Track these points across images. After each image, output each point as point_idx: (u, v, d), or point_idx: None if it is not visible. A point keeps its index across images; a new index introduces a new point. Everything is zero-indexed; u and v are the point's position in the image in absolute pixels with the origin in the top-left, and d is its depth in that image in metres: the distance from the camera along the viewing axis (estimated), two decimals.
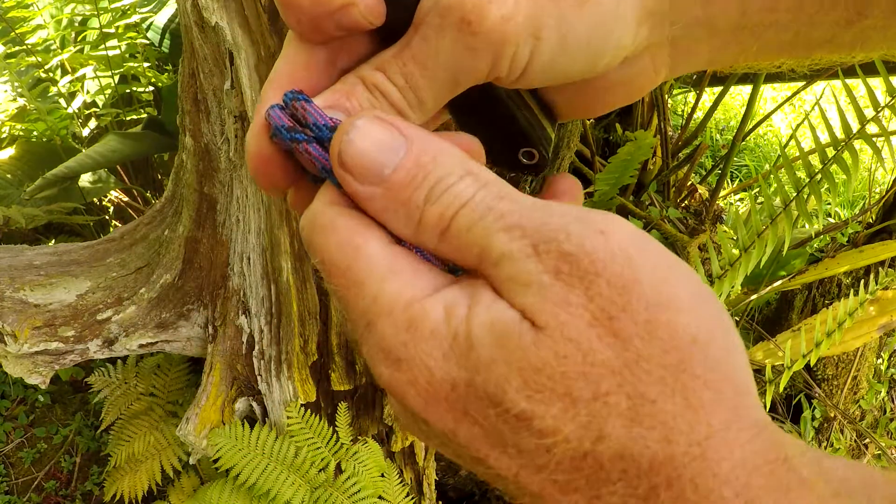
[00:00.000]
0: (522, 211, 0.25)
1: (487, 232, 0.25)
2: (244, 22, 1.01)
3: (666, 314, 0.23)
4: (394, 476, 1.38)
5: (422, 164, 0.26)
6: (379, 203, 0.27)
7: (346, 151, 0.27)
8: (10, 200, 1.81)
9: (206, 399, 1.32)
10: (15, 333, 1.21)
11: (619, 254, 0.24)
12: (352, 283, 0.26)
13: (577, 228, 0.24)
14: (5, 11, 1.82)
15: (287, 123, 0.29)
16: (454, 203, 0.26)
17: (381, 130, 0.27)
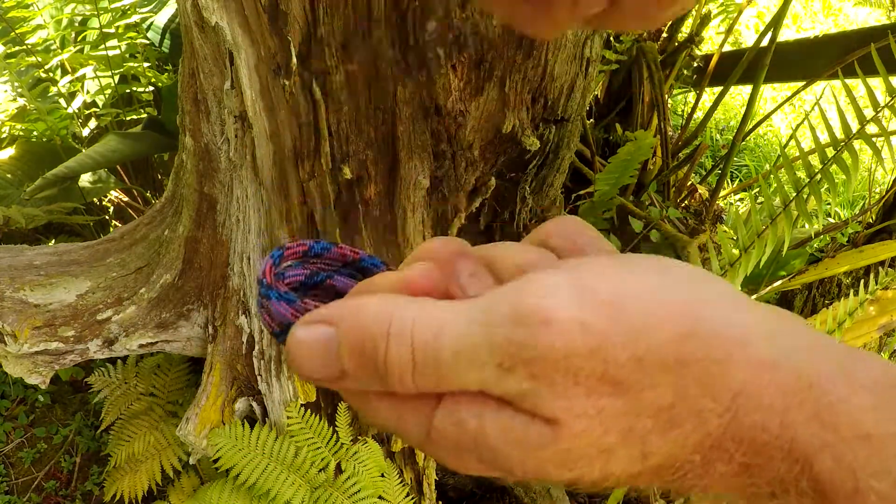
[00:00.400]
0: (465, 339, 0.26)
1: (453, 378, 0.27)
2: (244, 22, 1.01)
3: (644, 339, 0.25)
4: (394, 476, 1.38)
5: (353, 343, 0.28)
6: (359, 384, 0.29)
7: (299, 372, 0.30)
8: (10, 200, 1.81)
9: (206, 399, 1.32)
10: (15, 333, 1.21)
11: (570, 328, 0.25)
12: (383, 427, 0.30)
13: (521, 333, 0.25)
14: (5, 11, 1.82)
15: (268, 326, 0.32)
16: (404, 372, 0.27)
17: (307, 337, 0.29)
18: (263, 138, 1.11)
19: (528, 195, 1.34)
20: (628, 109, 2.26)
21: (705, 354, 0.25)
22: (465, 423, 0.27)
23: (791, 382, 0.26)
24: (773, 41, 1.84)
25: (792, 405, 0.26)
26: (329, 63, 1.02)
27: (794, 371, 0.26)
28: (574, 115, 1.25)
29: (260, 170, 1.16)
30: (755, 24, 4.12)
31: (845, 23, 4.64)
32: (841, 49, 1.94)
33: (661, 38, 2.27)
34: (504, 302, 0.26)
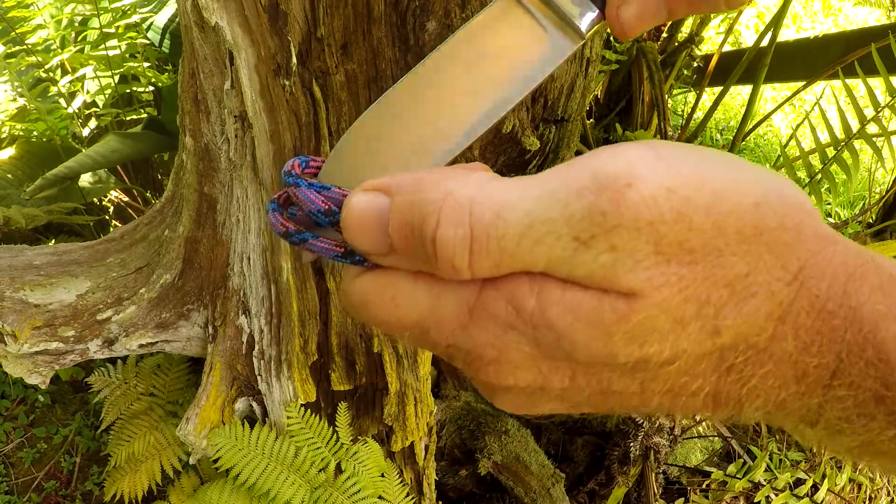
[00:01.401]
0: (535, 215, 0.25)
1: (518, 257, 0.25)
2: (244, 22, 1.01)
3: (724, 205, 0.25)
4: (394, 476, 1.38)
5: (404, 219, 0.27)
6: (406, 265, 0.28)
7: (353, 241, 0.28)
8: (10, 200, 1.80)
9: (206, 399, 1.32)
10: (15, 333, 1.21)
11: (656, 193, 0.24)
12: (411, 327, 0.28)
13: (606, 200, 0.24)
14: (5, 11, 1.82)
15: (281, 230, 0.30)
16: (457, 254, 0.25)
17: (365, 202, 0.28)
18: (263, 138, 1.11)
19: None
20: (628, 109, 2.26)
21: (779, 223, 0.25)
22: (521, 301, 0.25)
23: (853, 256, 0.26)
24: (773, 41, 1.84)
25: (855, 276, 0.26)
26: (329, 63, 1.02)
27: (854, 247, 0.27)
28: (574, 114, 1.25)
29: (260, 170, 1.16)
30: (755, 24, 4.12)
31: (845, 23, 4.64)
32: (841, 49, 1.93)
33: (661, 38, 2.27)
34: (583, 171, 0.25)
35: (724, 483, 1.87)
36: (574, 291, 0.25)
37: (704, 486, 1.92)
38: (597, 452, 1.84)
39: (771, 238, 0.25)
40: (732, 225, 0.25)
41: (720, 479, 1.85)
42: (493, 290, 0.26)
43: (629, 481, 1.76)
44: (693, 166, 0.25)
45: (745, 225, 0.25)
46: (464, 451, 1.72)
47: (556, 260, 0.25)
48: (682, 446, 2.03)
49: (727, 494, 1.87)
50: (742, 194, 0.25)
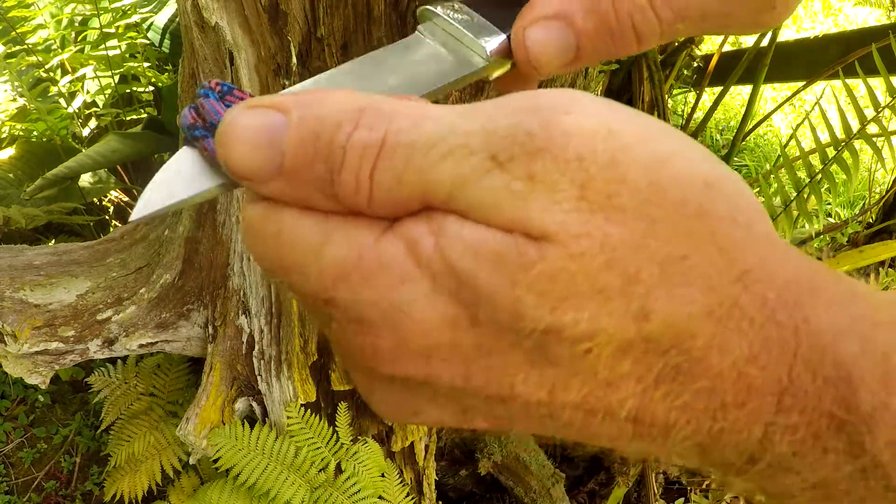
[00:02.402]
0: (455, 126, 0.22)
1: (422, 171, 0.21)
2: (244, 22, 1.01)
3: (668, 169, 0.21)
4: (394, 476, 1.38)
5: (308, 130, 0.23)
6: (288, 195, 0.23)
7: (229, 159, 0.24)
8: (10, 200, 1.81)
9: (206, 399, 1.32)
10: (15, 333, 1.21)
11: (595, 128, 0.21)
12: (292, 269, 0.23)
13: (537, 121, 0.21)
14: (6, 11, 1.82)
15: (189, 121, 0.27)
16: (365, 159, 0.22)
17: (254, 119, 0.23)
18: None
19: None
20: None
21: (729, 214, 0.22)
22: (419, 243, 0.22)
23: (807, 266, 0.23)
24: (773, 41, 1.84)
25: (810, 288, 0.22)
26: (329, 63, 1.02)
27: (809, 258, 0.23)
28: None
29: None
30: None
31: (845, 23, 4.64)
32: (841, 49, 1.93)
33: None
34: (523, 96, 0.22)
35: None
36: (477, 228, 0.21)
37: (704, 486, 1.92)
38: (597, 452, 1.85)
39: (717, 227, 0.21)
40: (674, 195, 0.21)
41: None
42: (388, 235, 0.22)
43: (629, 481, 1.76)
44: (643, 124, 0.22)
45: (688, 201, 0.21)
46: (464, 451, 1.72)
47: (463, 181, 0.21)
48: None
49: (727, 494, 1.87)
50: (692, 169, 0.22)
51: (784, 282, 0.22)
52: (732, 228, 0.22)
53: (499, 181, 0.21)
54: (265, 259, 0.24)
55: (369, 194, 0.22)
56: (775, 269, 0.22)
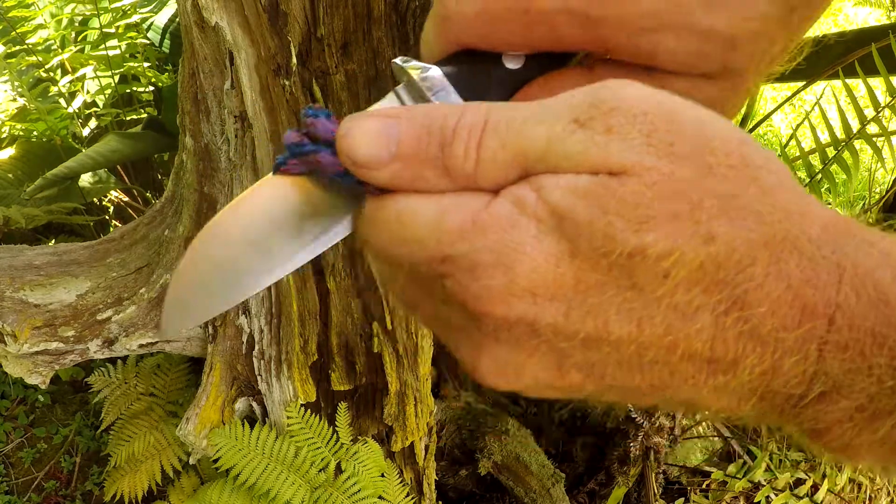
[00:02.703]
0: (542, 105, 0.27)
1: (520, 135, 0.26)
2: (244, 22, 1.01)
3: (711, 127, 0.26)
4: (394, 476, 1.38)
5: (419, 124, 0.28)
6: (404, 177, 0.28)
7: (349, 147, 0.28)
8: (10, 200, 1.81)
9: (206, 399, 1.32)
10: (15, 333, 1.21)
11: (651, 94, 0.26)
12: (410, 241, 0.27)
13: (607, 90, 0.26)
14: (6, 11, 1.82)
15: (296, 139, 0.30)
16: (472, 133, 0.27)
17: (371, 121, 0.28)
18: (263, 138, 1.11)
19: None
20: None
21: (764, 164, 0.26)
22: (523, 198, 0.26)
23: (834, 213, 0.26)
24: None
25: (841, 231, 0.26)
26: (329, 63, 1.02)
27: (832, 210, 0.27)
28: None
29: (260, 170, 1.16)
30: None
31: (845, 23, 4.64)
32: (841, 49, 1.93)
33: None
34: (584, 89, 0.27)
35: (724, 483, 1.87)
36: (569, 176, 0.26)
37: (704, 486, 1.92)
38: (597, 452, 1.84)
39: (757, 174, 0.25)
40: (720, 147, 0.25)
41: (720, 479, 1.85)
42: (496, 199, 0.27)
43: (629, 481, 1.76)
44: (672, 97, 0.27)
45: (731, 152, 0.25)
46: (464, 451, 1.72)
47: (555, 138, 0.26)
48: (682, 446, 2.03)
49: (727, 494, 1.87)
50: (729, 128, 0.26)
51: (823, 222, 0.26)
52: (769, 175, 0.26)
53: (583, 136, 0.25)
54: (382, 240, 0.28)
55: (476, 160, 0.27)
56: (814, 211, 0.26)
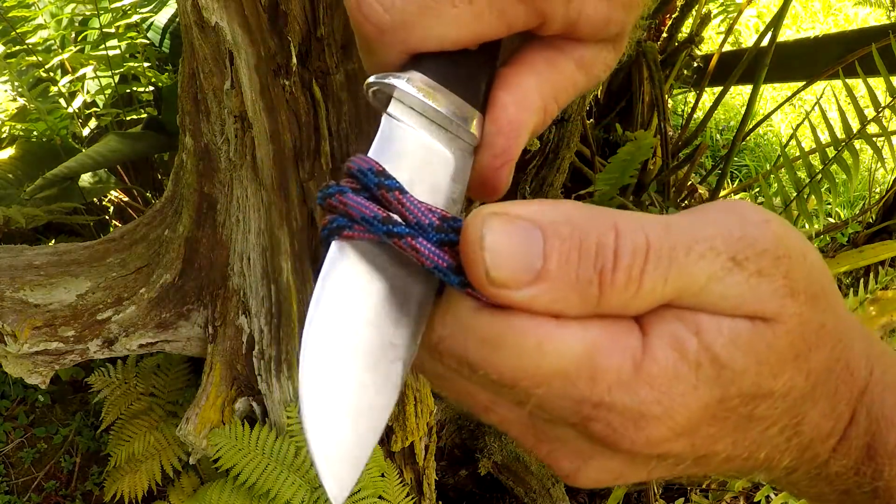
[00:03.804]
0: (696, 230, 0.26)
1: (683, 271, 0.25)
2: (244, 22, 1.01)
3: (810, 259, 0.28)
4: (394, 476, 1.38)
5: (568, 238, 0.24)
6: (543, 300, 0.24)
7: (490, 263, 0.24)
8: (10, 200, 1.80)
9: (206, 399, 1.32)
10: (15, 333, 1.21)
11: (786, 233, 0.27)
12: (553, 377, 0.25)
13: (752, 230, 0.26)
14: (6, 11, 1.82)
15: (380, 215, 0.25)
16: (636, 259, 0.24)
17: (515, 231, 0.24)
18: (263, 138, 1.11)
19: (527, 195, 1.34)
20: (628, 109, 2.26)
21: (829, 281, 0.29)
22: (684, 343, 0.25)
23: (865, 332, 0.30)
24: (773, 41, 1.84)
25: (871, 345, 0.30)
26: (329, 63, 1.02)
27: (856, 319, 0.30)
28: (574, 115, 1.25)
29: (260, 170, 1.16)
30: (755, 24, 4.12)
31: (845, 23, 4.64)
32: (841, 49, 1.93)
33: (662, 38, 2.27)
34: (720, 205, 0.27)
35: (724, 483, 1.87)
36: (729, 321, 0.26)
37: (704, 486, 1.92)
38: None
39: (831, 299, 0.28)
40: (816, 277, 0.28)
41: (720, 478, 1.85)
42: (656, 339, 0.25)
43: None
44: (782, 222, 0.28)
45: (822, 280, 0.28)
46: (464, 451, 1.72)
47: (714, 277, 0.25)
48: None
49: (727, 494, 1.87)
50: (811, 251, 0.28)
51: (858, 335, 0.29)
52: (833, 296, 0.29)
53: (740, 277, 0.25)
54: (518, 371, 0.25)
55: (637, 291, 0.25)
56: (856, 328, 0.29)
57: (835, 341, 0.28)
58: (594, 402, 0.25)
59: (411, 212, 0.25)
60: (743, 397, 0.26)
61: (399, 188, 0.26)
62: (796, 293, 0.26)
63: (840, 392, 0.28)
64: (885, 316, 1.76)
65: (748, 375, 0.26)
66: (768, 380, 0.26)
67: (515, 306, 0.24)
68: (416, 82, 0.29)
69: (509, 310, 0.24)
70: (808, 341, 0.27)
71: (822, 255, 0.29)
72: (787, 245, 0.26)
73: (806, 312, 0.26)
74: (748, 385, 0.26)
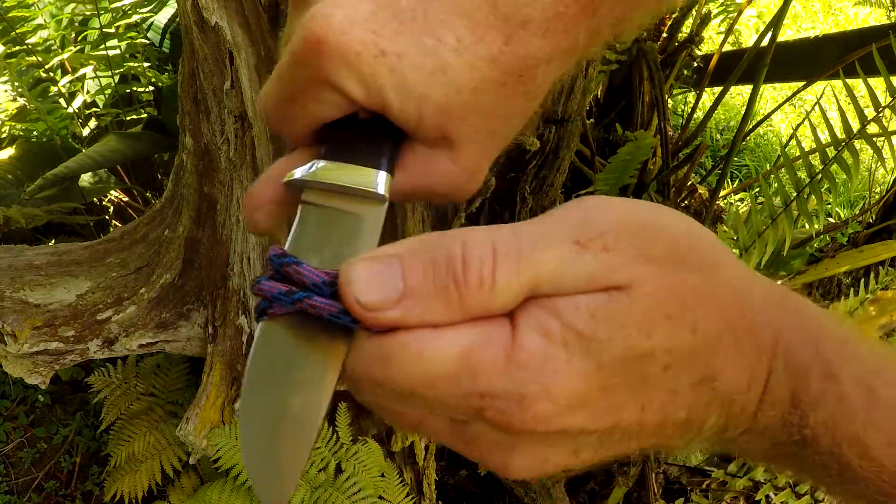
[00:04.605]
0: (540, 228, 0.29)
1: (532, 261, 0.28)
2: (244, 22, 1.01)
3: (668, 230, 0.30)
4: (394, 476, 1.38)
5: (422, 258, 0.28)
6: (413, 314, 0.28)
7: (357, 293, 0.28)
8: (10, 200, 1.80)
9: (206, 399, 1.32)
10: (15, 333, 1.21)
11: (625, 209, 0.30)
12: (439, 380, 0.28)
13: (591, 214, 0.29)
14: (6, 11, 1.82)
15: (283, 289, 0.31)
16: (485, 261, 0.28)
17: (373, 264, 0.29)
18: (263, 138, 1.11)
19: (528, 195, 1.34)
20: (628, 109, 2.26)
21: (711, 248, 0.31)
22: (548, 327, 0.28)
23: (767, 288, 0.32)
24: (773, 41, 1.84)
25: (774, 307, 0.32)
26: None
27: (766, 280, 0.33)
28: (574, 115, 1.25)
29: (260, 170, 1.16)
30: (755, 24, 4.12)
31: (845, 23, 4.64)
32: (841, 49, 1.93)
33: (662, 38, 2.27)
34: (566, 204, 0.30)
35: (725, 483, 1.87)
36: (583, 297, 0.28)
37: (704, 486, 1.92)
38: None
39: (711, 260, 0.30)
40: (682, 242, 0.30)
41: (720, 478, 1.85)
42: (523, 329, 0.28)
43: (629, 481, 1.76)
44: (639, 203, 0.31)
45: (690, 244, 0.30)
46: None
47: (565, 262, 0.28)
48: None
49: (727, 494, 1.87)
50: (678, 222, 0.31)
51: (762, 295, 0.31)
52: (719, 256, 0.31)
53: (588, 256, 0.28)
54: (400, 378, 0.28)
55: (492, 288, 0.28)
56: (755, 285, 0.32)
57: (725, 300, 0.30)
58: (480, 393, 0.28)
59: (307, 277, 0.30)
60: (622, 361, 0.28)
61: (296, 262, 0.31)
62: (653, 259, 0.29)
63: (747, 346, 0.30)
64: (885, 316, 1.76)
65: (616, 341, 0.28)
66: (640, 340, 0.28)
67: (394, 325, 0.28)
68: (319, 168, 0.35)
69: (393, 330, 0.28)
70: (682, 300, 0.29)
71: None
72: (633, 220, 0.29)
73: (669, 275, 0.29)
74: (620, 349, 0.28)
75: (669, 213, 0.31)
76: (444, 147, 0.34)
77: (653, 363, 0.29)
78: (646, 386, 0.29)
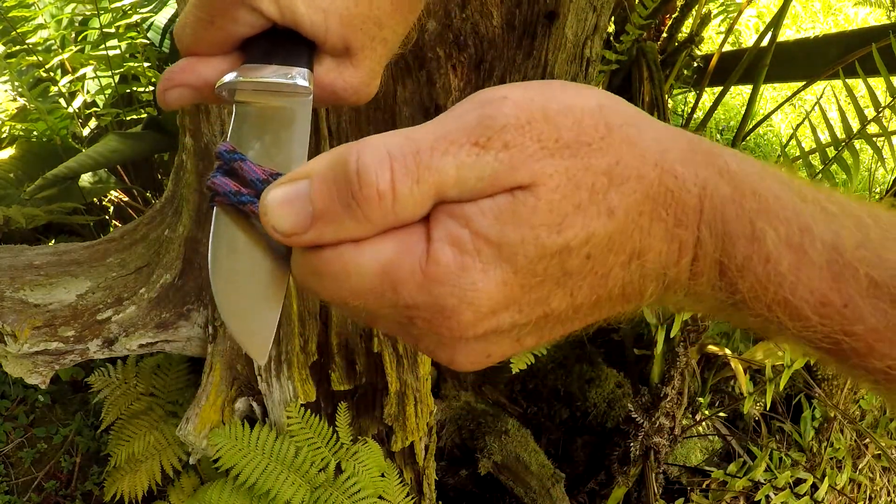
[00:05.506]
0: (436, 130, 0.29)
1: (431, 168, 0.28)
2: None
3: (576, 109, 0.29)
4: (394, 476, 1.38)
5: (326, 178, 0.29)
6: (327, 233, 0.29)
7: (273, 224, 0.30)
8: (10, 200, 1.80)
9: (206, 399, 1.32)
10: (15, 333, 1.21)
11: (525, 99, 0.29)
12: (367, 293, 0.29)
13: (489, 110, 0.28)
14: (6, 11, 1.82)
15: (233, 188, 0.34)
16: (381, 172, 0.28)
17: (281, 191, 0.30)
18: None
19: None
20: None
21: (623, 121, 0.30)
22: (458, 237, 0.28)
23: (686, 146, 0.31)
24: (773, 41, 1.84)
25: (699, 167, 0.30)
26: None
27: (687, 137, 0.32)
28: None
29: None
30: (755, 24, 4.12)
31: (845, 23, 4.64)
32: (841, 49, 1.93)
33: (662, 38, 2.27)
34: (466, 101, 0.30)
35: (724, 483, 1.87)
36: (489, 202, 0.28)
37: (704, 486, 1.92)
38: (597, 452, 1.84)
39: (622, 134, 0.29)
40: (588, 122, 0.29)
41: (720, 478, 1.85)
42: (437, 242, 0.28)
43: (629, 481, 1.76)
44: (541, 86, 0.30)
45: (597, 122, 0.29)
46: (464, 451, 1.72)
47: (463, 166, 0.28)
48: (682, 446, 2.03)
49: (727, 494, 1.87)
50: (585, 99, 0.30)
51: (681, 157, 0.30)
52: (630, 129, 0.30)
53: (489, 157, 0.28)
54: (332, 290, 0.30)
55: (394, 199, 0.28)
56: (672, 147, 0.30)
57: (641, 171, 0.29)
58: (405, 305, 0.29)
59: (248, 174, 0.33)
60: (538, 259, 0.28)
61: (241, 158, 0.34)
62: (557, 150, 0.28)
63: (669, 216, 0.30)
64: None
65: (528, 242, 0.28)
66: (552, 237, 0.28)
67: (314, 244, 0.29)
68: (245, 70, 0.39)
69: (320, 247, 0.30)
70: (592, 187, 0.28)
71: None
72: (535, 109, 0.28)
73: (575, 164, 0.28)
74: (534, 249, 0.28)
75: (576, 89, 0.31)
76: (346, 56, 0.39)
77: (571, 256, 0.29)
78: (570, 276, 0.29)
